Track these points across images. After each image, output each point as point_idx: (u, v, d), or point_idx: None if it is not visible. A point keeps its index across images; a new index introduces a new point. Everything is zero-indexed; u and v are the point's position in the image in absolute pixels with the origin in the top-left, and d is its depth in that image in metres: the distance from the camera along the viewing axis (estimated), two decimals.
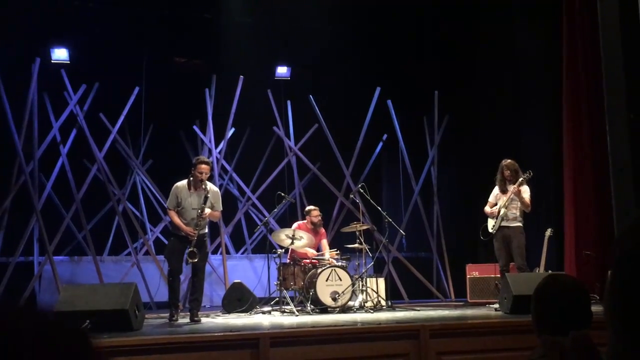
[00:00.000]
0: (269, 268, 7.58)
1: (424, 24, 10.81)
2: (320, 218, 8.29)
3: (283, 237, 7.65)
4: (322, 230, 8.43)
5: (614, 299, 0.72)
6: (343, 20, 10.26)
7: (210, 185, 6.65)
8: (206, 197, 6.47)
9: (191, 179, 6.57)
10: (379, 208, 8.09)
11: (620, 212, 6.53)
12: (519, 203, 7.19)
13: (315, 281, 7.14)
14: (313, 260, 7.75)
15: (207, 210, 6.49)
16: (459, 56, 10.71)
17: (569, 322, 1.97)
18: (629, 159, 6.33)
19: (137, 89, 10.03)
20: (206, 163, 6.60)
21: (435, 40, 10.89)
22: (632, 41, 6.09)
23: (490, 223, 7.37)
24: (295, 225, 8.17)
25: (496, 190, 7.42)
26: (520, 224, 7.22)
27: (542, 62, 9.39)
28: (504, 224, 7.21)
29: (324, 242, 8.31)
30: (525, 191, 7.19)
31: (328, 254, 7.94)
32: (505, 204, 7.20)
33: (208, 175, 6.61)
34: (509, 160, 7.33)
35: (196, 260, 6.35)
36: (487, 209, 7.44)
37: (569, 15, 8.42)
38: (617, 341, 0.71)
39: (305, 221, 8.33)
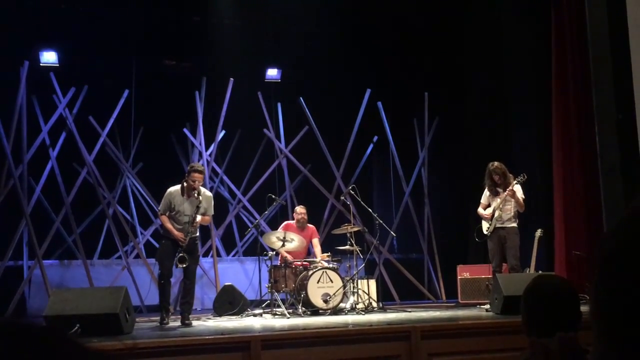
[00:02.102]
0: (260, 270, 7.57)
1: (413, 26, 10.83)
2: (303, 217, 8.25)
3: (274, 239, 7.64)
4: (312, 228, 8.40)
5: (597, 300, 0.73)
6: (333, 22, 10.28)
7: (203, 191, 6.65)
8: (198, 207, 6.47)
9: (184, 185, 6.57)
10: (370, 210, 8.10)
11: (609, 212, 6.58)
12: (512, 203, 7.19)
13: (307, 283, 7.14)
14: (304, 263, 7.75)
15: (199, 218, 6.50)
16: (448, 58, 10.75)
17: (557, 324, 1.98)
18: (617, 159, 6.38)
19: (126, 92, 10.00)
20: (200, 172, 6.59)
21: (425, 42, 10.91)
22: (620, 43, 6.13)
23: (485, 225, 7.36)
24: (283, 224, 8.19)
25: (487, 191, 7.42)
26: (515, 225, 7.21)
27: (531, 63, 9.43)
28: (499, 225, 7.21)
29: (315, 242, 8.29)
30: (519, 190, 7.19)
31: (319, 255, 7.94)
32: (499, 205, 7.21)
33: (201, 183, 6.62)
34: (496, 164, 7.28)
35: (186, 265, 6.35)
36: (481, 210, 7.43)
37: (557, 16, 8.47)
38: (601, 342, 0.72)
39: (292, 221, 8.35)
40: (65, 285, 9.09)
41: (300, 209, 8.30)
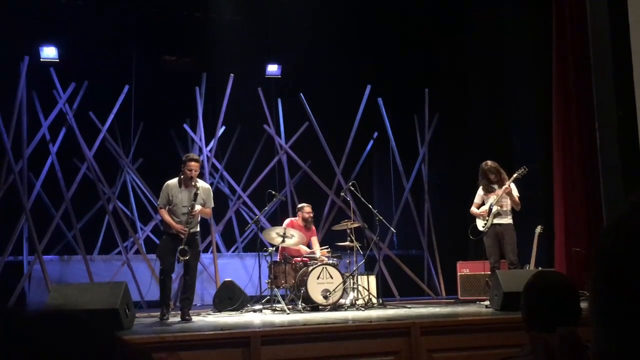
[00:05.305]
0: (259, 266, 7.57)
1: (414, 22, 10.82)
2: (312, 215, 8.30)
3: (274, 235, 7.64)
4: (313, 227, 8.43)
5: (596, 295, 0.73)
6: (333, 18, 10.26)
7: (201, 182, 6.65)
8: (196, 194, 6.46)
9: (182, 176, 6.58)
10: (370, 206, 8.10)
11: (609, 209, 6.57)
12: (509, 199, 7.23)
13: (307, 279, 7.15)
14: (304, 259, 7.75)
15: (198, 207, 6.49)
16: (449, 54, 10.74)
17: (557, 319, 1.98)
18: (618, 156, 6.38)
19: (126, 88, 9.99)
20: (195, 160, 6.59)
21: (426, 38, 10.91)
22: (621, 39, 6.12)
23: (480, 223, 7.38)
24: (286, 222, 8.17)
25: (481, 190, 7.45)
26: (511, 221, 7.25)
27: (532, 59, 9.43)
28: (496, 221, 7.23)
29: (314, 239, 8.31)
30: (514, 189, 7.24)
31: (319, 252, 7.94)
32: (495, 202, 7.22)
33: (198, 172, 6.61)
34: (490, 163, 7.32)
35: (187, 257, 6.35)
36: (474, 209, 7.46)
37: (558, 13, 8.45)
38: (600, 338, 0.72)
39: (296, 218, 8.33)
40: (65, 281, 9.10)
41: (308, 208, 8.30)
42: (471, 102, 10.58)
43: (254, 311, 7.23)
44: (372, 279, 8.24)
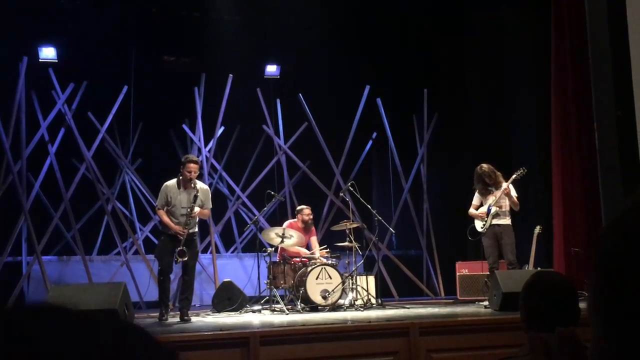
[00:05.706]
0: (259, 267, 7.57)
1: (414, 22, 10.82)
2: (311, 217, 8.30)
3: (273, 235, 7.64)
4: (312, 228, 8.44)
5: (596, 295, 0.72)
6: (332, 18, 10.26)
7: (199, 184, 6.65)
8: (196, 196, 6.46)
9: (180, 178, 6.57)
10: (369, 206, 8.10)
11: (608, 209, 6.57)
12: (507, 200, 7.24)
13: (306, 279, 7.15)
14: (303, 259, 7.75)
15: (197, 209, 6.49)
16: (448, 54, 10.73)
17: (556, 319, 1.98)
18: (617, 156, 6.38)
19: (125, 88, 9.98)
20: (194, 162, 6.59)
21: (426, 38, 10.90)
22: (620, 39, 6.12)
23: (479, 224, 7.39)
24: (286, 223, 8.17)
25: (479, 194, 7.47)
26: (510, 222, 7.27)
27: (532, 59, 9.43)
28: (494, 221, 7.24)
29: (314, 240, 8.31)
30: (512, 190, 7.26)
31: (318, 252, 7.94)
32: (494, 203, 7.23)
33: (197, 174, 6.61)
34: (485, 167, 7.33)
35: (186, 258, 6.35)
36: (473, 211, 7.46)
37: (557, 14, 8.46)
38: (600, 338, 0.71)
39: (295, 220, 8.33)
40: (64, 281, 9.10)
41: (308, 210, 8.30)
42: (471, 102, 10.58)
43: (253, 312, 7.23)
44: (371, 279, 8.24)
